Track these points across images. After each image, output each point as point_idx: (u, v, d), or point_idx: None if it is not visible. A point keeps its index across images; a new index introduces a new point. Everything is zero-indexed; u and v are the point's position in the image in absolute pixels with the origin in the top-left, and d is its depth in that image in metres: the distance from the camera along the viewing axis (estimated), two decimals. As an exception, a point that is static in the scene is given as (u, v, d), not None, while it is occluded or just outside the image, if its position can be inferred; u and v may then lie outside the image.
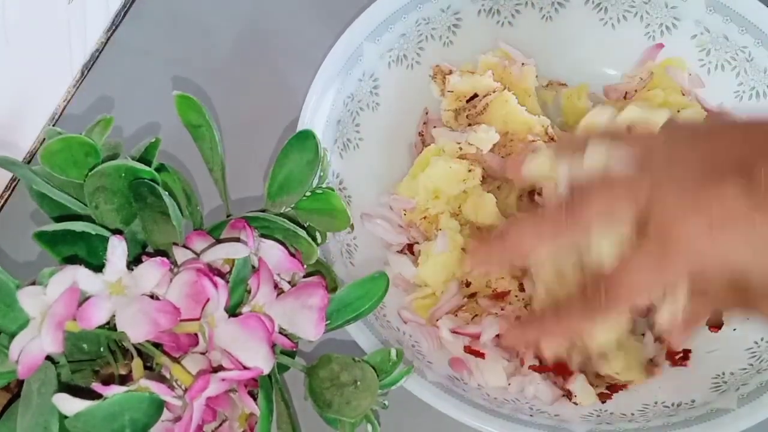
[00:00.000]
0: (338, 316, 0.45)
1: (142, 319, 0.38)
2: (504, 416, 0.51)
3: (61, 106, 0.66)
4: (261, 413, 0.40)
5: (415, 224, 0.59)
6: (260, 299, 0.42)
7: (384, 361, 0.45)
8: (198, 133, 0.47)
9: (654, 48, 0.63)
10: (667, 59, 0.63)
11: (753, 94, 0.61)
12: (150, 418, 0.37)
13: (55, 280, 0.38)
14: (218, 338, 0.39)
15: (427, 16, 0.62)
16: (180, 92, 0.46)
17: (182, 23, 0.70)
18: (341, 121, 0.60)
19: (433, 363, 0.54)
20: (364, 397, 0.42)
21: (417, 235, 0.59)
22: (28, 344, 0.37)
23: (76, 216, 0.44)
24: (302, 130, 0.48)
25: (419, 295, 0.57)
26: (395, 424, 0.52)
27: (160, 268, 0.40)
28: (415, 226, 0.59)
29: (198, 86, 0.67)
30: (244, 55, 0.69)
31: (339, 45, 0.59)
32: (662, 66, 0.63)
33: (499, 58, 0.63)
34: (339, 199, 0.49)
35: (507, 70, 0.62)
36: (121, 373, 0.41)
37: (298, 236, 0.46)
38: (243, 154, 0.60)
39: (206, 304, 0.40)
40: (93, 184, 0.42)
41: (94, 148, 0.43)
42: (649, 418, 0.52)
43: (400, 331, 0.55)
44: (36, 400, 0.38)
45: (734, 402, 0.51)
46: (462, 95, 0.61)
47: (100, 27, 0.69)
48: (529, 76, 0.62)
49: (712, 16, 0.61)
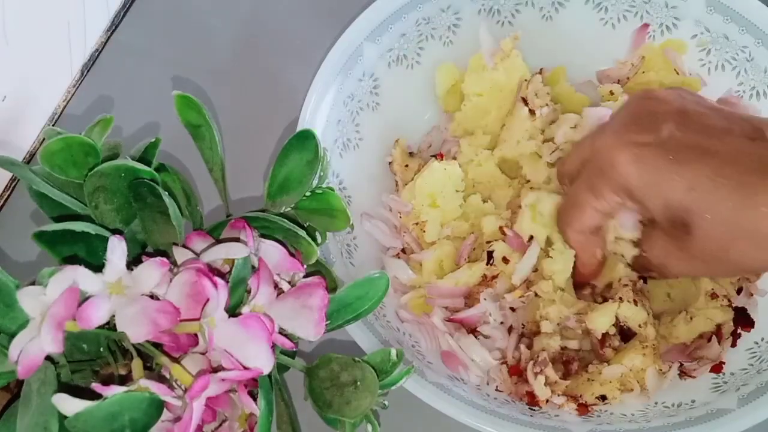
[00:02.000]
0: (338, 316, 0.45)
1: (141, 319, 0.38)
2: (504, 416, 0.51)
3: (60, 106, 0.66)
4: (261, 413, 0.40)
5: (408, 229, 0.59)
6: (260, 299, 0.41)
7: (384, 361, 0.45)
8: (198, 133, 0.47)
9: (641, 29, 0.63)
10: (667, 40, 0.63)
11: (753, 94, 0.61)
12: (150, 418, 0.37)
13: (54, 280, 0.38)
14: (218, 338, 0.39)
15: (427, 16, 0.62)
16: (180, 92, 0.46)
17: (182, 23, 0.70)
18: (341, 121, 0.60)
19: (433, 363, 0.54)
20: (364, 397, 0.42)
21: (410, 240, 0.59)
22: (27, 344, 0.37)
23: (76, 216, 0.44)
24: (302, 130, 0.48)
25: (416, 294, 0.57)
26: (395, 424, 0.52)
27: (160, 268, 0.40)
28: (408, 232, 0.59)
29: (198, 86, 0.67)
30: (244, 55, 0.69)
31: (339, 45, 0.59)
32: (660, 48, 0.63)
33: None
34: (339, 199, 0.49)
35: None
36: (121, 373, 0.41)
37: (298, 236, 0.46)
38: (243, 154, 0.61)
39: (206, 304, 0.39)
40: (93, 184, 0.42)
41: (94, 148, 0.43)
42: (649, 418, 0.52)
43: (400, 331, 0.55)
44: (36, 401, 0.38)
45: (734, 402, 0.51)
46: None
47: (100, 27, 0.69)
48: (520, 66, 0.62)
49: (712, 16, 0.61)
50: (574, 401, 0.54)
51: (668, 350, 0.56)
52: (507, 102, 0.62)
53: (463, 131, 0.63)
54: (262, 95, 0.67)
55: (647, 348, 0.54)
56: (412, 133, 0.64)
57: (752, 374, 0.53)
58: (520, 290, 0.55)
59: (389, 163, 0.63)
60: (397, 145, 0.62)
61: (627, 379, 0.54)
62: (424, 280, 0.58)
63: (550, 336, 0.55)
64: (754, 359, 0.54)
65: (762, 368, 0.53)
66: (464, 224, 0.59)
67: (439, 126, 0.65)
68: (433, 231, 0.58)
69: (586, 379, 0.54)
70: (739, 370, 0.54)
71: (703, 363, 0.55)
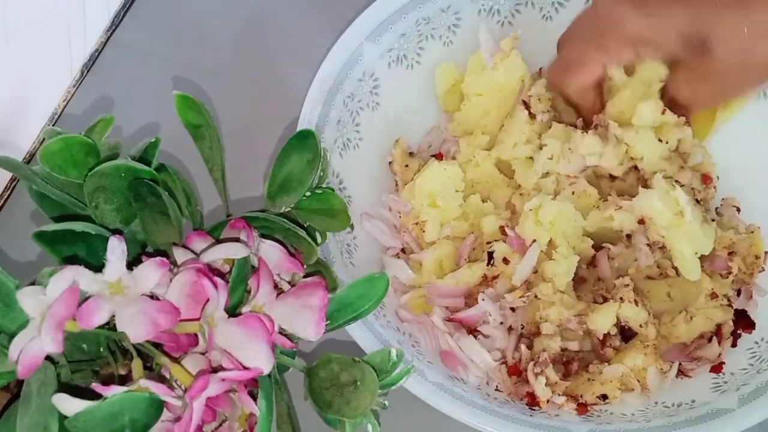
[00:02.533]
0: (338, 316, 0.45)
1: (142, 319, 0.38)
2: (504, 416, 0.51)
3: (61, 106, 0.67)
4: (261, 413, 0.40)
5: (408, 229, 0.59)
6: (260, 299, 0.41)
7: (384, 361, 0.45)
8: (198, 133, 0.47)
9: None
10: None
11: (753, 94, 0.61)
12: (150, 418, 0.37)
13: (54, 280, 0.38)
14: (218, 338, 0.39)
15: (427, 16, 0.62)
16: (180, 92, 0.46)
17: (182, 23, 0.70)
18: (341, 121, 0.60)
19: (433, 363, 0.54)
20: (364, 397, 0.42)
21: (410, 240, 0.59)
22: (27, 344, 0.37)
23: (76, 216, 0.44)
24: (302, 130, 0.48)
25: (416, 294, 0.57)
26: (395, 424, 0.52)
27: (160, 268, 0.40)
28: (408, 231, 0.59)
29: (198, 86, 0.67)
30: (244, 55, 0.69)
31: (339, 45, 0.59)
32: None
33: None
34: (339, 199, 0.49)
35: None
36: (121, 373, 0.41)
37: (298, 236, 0.46)
38: (243, 154, 0.60)
39: (206, 304, 0.40)
40: (93, 184, 0.42)
41: (94, 148, 0.43)
42: (649, 418, 0.52)
43: (400, 331, 0.55)
44: (36, 401, 0.38)
45: (734, 402, 0.51)
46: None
47: (100, 27, 0.69)
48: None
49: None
50: (574, 401, 0.54)
51: (668, 350, 0.56)
52: (506, 102, 0.62)
53: (463, 131, 0.63)
54: (262, 95, 0.67)
55: (648, 347, 0.54)
56: (412, 133, 0.64)
57: (752, 374, 0.53)
58: (521, 290, 0.55)
59: (389, 163, 0.63)
60: (397, 145, 0.62)
61: (627, 378, 0.54)
62: (423, 280, 0.58)
63: (551, 337, 0.55)
64: (754, 359, 0.54)
65: (762, 368, 0.53)
66: (464, 224, 0.59)
67: (439, 126, 0.65)
68: (432, 231, 0.58)
69: (586, 379, 0.54)
70: (739, 370, 0.54)
71: (702, 363, 0.55)
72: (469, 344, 0.55)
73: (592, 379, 0.54)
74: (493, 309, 0.55)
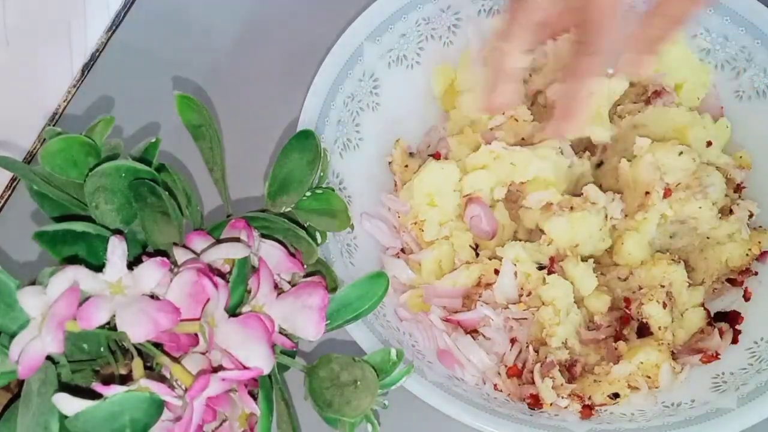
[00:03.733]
0: (338, 316, 0.45)
1: (142, 319, 0.38)
2: (504, 416, 0.51)
3: (61, 106, 0.67)
4: (261, 413, 0.40)
5: (407, 229, 0.59)
6: (260, 299, 0.42)
7: (384, 361, 0.45)
8: (198, 133, 0.47)
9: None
10: None
11: (753, 94, 0.61)
12: (150, 418, 0.37)
13: (55, 280, 0.38)
14: (218, 338, 0.39)
15: (427, 16, 0.62)
16: (180, 92, 0.46)
17: (182, 23, 0.71)
18: (341, 121, 0.60)
19: (433, 363, 0.54)
20: (364, 397, 0.42)
21: (409, 240, 0.59)
22: (28, 344, 0.37)
23: (77, 216, 0.44)
24: (302, 130, 0.48)
25: (415, 293, 0.57)
26: (395, 424, 0.52)
27: (160, 268, 0.40)
28: (407, 231, 0.59)
29: (198, 86, 0.67)
30: (244, 55, 0.69)
31: (339, 45, 0.59)
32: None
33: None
34: (339, 199, 0.49)
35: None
36: (121, 373, 0.41)
37: (298, 236, 0.46)
38: (243, 154, 0.61)
39: (206, 304, 0.40)
40: (93, 184, 0.42)
41: (95, 148, 0.43)
42: (649, 417, 0.52)
43: (400, 331, 0.55)
44: (36, 400, 0.38)
45: (734, 402, 0.51)
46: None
47: (100, 27, 0.69)
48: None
49: (712, 16, 0.61)
50: (580, 401, 0.54)
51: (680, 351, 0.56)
52: None
53: (459, 129, 0.63)
54: (262, 95, 0.67)
55: (662, 344, 0.55)
56: (412, 133, 0.64)
57: (752, 374, 0.53)
58: (524, 303, 0.55)
59: (389, 163, 0.63)
60: (397, 145, 0.62)
61: (635, 377, 0.54)
62: (423, 279, 0.58)
63: (558, 348, 0.55)
64: (753, 359, 0.54)
65: (761, 368, 0.53)
66: (462, 224, 0.59)
67: (438, 126, 0.65)
68: (431, 230, 0.58)
69: (592, 380, 0.54)
70: (739, 370, 0.54)
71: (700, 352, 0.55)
72: (467, 344, 0.55)
73: (598, 381, 0.54)
74: (493, 313, 0.55)
